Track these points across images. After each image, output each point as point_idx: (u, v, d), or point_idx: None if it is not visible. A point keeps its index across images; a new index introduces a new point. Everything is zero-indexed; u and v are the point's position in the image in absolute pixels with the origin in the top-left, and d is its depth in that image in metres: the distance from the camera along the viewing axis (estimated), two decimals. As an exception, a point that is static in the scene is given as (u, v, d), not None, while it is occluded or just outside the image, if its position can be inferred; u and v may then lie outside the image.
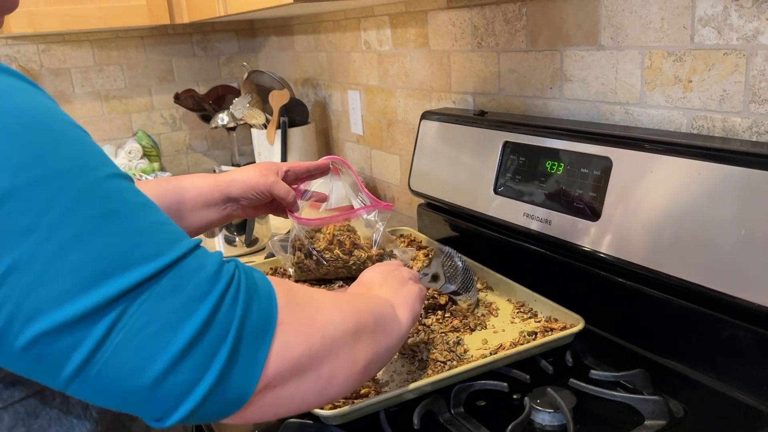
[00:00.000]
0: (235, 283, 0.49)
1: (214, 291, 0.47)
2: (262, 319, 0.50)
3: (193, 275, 0.47)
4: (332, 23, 1.93)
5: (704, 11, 0.88)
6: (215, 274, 0.48)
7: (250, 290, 0.50)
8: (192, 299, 0.46)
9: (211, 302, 0.47)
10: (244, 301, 0.49)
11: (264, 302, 0.50)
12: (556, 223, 1.01)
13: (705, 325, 0.83)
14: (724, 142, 0.85)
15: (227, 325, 0.47)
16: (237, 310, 0.48)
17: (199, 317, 0.46)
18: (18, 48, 2.20)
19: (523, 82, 1.21)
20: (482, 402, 0.82)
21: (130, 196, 0.47)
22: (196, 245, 0.49)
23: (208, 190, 0.92)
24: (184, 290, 0.46)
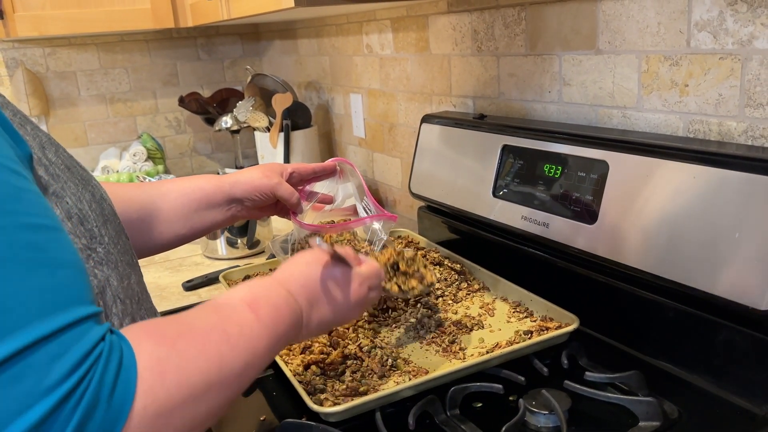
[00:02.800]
0: (85, 384, 0.44)
1: (58, 391, 0.42)
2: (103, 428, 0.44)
3: (44, 366, 0.42)
4: (335, 27, 1.94)
5: (700, 16, 0.88)
6: (70, 368, 0.43)
7: (101, 395, 0.44)
8: (32, 393, 0.41)
9: (50, 403, 0.42)
10: (88, 407, 0.43)
11: (113, 411, 0.45)
12: (554, 226, 1.01)
13: (700, 328, 0.83)
14: (719, 146, 0.86)
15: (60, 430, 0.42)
16: (75, 416, 0.43)
17: (31, 417, 0.41)
18: (24, 51, 2.22)
19: (522, 85, 1.22)
20: (478, 404, 0.83)
21: (21, 253, 0.43)
22: (73, 322, 0.44)
23: (212, 191, 0.93)
24: (27, 380, 0.41)
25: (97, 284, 0.59)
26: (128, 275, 0.65)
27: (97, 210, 0.62)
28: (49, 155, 0.60)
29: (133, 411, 0.46)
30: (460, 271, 1.15)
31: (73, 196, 0.59)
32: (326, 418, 0.77)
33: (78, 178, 0.62)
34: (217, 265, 1.47)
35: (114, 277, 0.61)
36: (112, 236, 0.63)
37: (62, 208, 0.57)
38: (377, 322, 1.02)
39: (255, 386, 0.91)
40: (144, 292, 0.70)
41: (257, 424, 0.83)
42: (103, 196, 0.66)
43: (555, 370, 0.87)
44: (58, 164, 0.60)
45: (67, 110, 2.32)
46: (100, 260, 0.60)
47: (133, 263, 0.69)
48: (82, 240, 0.58)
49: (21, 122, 0.59)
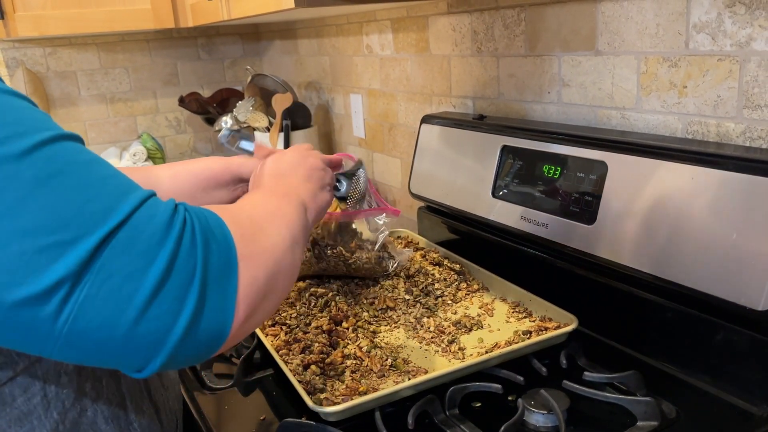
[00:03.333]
0: (189, 225, 0.50)
1: (170, 237, 0.48)
2: (223, 258, 0.51)
3: (146, 225, 0.48)
4: (335, 27, 1.95)
5: (699, 18, 0.89)
6: (168, 220, 0.49)
7: (205, 231, 0.51)
8: (149, 247, 0.47)
9: (169, 248, 0.48)
10: (203, 242, 0.50)
11: (221, 241, 0.52)
12: (553, 226, 1.02)
13: (698, 328, 0.84)
14: (718, 147, 0.86)
15: (191, 267, 0.48)
16: (197, 252, 0.49)
17: (159, 264, 0.47)
18: (25, 51, 2.22)
19: (522, 86, 1.22)
20: (477, 403, 0.83)
21: (75, 156, 0.48)
22: (147, 196, 0.50)
23: (220, 171, 0.94)
24: (139, 240, 0.47)
25: None
26: None
27: None
28: None
29: (235, 238, 0.53)
30: (459, 271, 1.15)
31: None
32: (326, 417, 0.78)
33: None
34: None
35: None
36: None
37: None
38: (377, 322, 1.02)
39: (255, 386, 0.92)
40: None
41: (257, 424, 0.83)
42: None
43: (554, 370, 0.88)
44: None
45: (67, 110, 2.32)
46: None
47: None
48: None
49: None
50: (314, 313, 1.02)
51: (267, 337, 0.97)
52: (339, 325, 0.98)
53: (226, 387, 0.92)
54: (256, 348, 0.98)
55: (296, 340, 0.94)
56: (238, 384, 0.91)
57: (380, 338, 0.97)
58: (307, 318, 1.01)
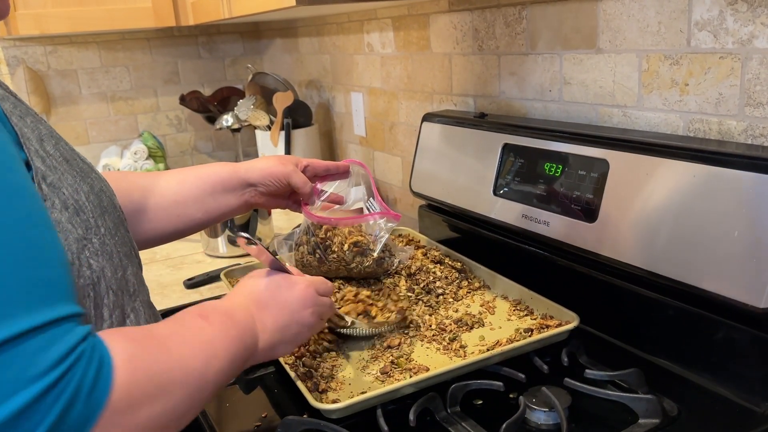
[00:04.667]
0: (68, 377, 0.45)
1: (42, 381, 0.44)
2: (78, 423, 0.46)
3: (31, 356, 0.44)
4: (336, 26, 1.95)
5: (700, 15, 0.89)
6: (55, 361, 0.45)
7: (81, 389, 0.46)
8: (18, 381, 0.43)
9: (34, 392, 0.43)
10: (69, 399, 0.45)
11: (91, 405, 0.47)
12: (554, 224, 1.02)
13: (699, 326, 0.84)
14: (719, 144, 0.86)
15: (40, 420, 0.44)
16: (56, 407, 0.44)
17: (15, 403, 0.43)
18: (25, 49, 2.22)
19: (523, 84, 1.22)
20: (479, 401, 0.84)
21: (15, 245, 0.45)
22: (60, 318, 0.46)
23: (228, 176, 0.95)
24: (12, 368, 0.43)
25: (91, 275, 0.60)
26: (124, 267, 0.66)
27: (95, 201, 0.63)
28: (47, 147, 0.61)
29: (108, 405, 0.48)
30: (460, 269, 1.15)
31: (70, 188, 0.60)
32: (328, 415, 0.78)
33: (76, 170, 0.64)
34: (218, 263, 1.47)
35: (108, 268, 0.62)
36: (109, 228, 0.64)
37: (59, 198, 0.59)
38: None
39: (257, 383, 0.92)
40: (141, 285, 0.71)
41: (259, 421, 0.83)
42: (103, 188, 0.67)
43: (555, 368, 0.88)
44: (56, 156, 0.61)
45: (68, 108, 2.32)
46: (95, 251, 0.61)
47: (131, 255, 0.70)
48: (78, 230, 0.59)
49: (21, 114, 0.60)
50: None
51: (268, 334, 0.97)
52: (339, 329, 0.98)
53: (228, 384, 0.92)
54: (258, 346, 0.98)
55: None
56: (239, 381, 0.91)
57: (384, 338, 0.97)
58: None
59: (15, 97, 0.63)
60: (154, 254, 1.59)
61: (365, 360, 0.91)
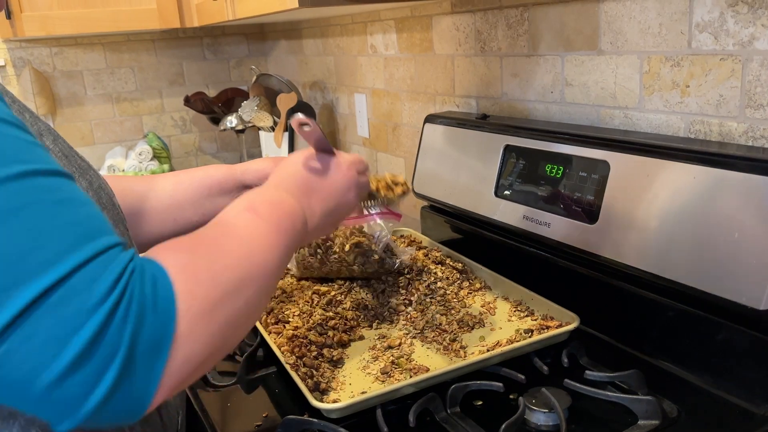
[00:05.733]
0: (128, 296, 0.47)
1: (104, 305, 0.45)
2: (156, 334, 0.48)
3: (85, 287, 0.45)
4: (340, 27, 1.95)
5: (701, 17, 0.89)
6: (109, 287, 0.46)
7: (143, 304, 0.48)
8: (80, 313, 0.45)
9: (100, 317, 0.45)
10: (137, 315, 0.47)
11: (161, 314, 0.48)
12: (555, 225, 1.02)
13: (699, 327, 0.84)
14: (720, 146, 0.86)
15: (116, 341, 0.46)
16: (128, 325, 0.46)
17: (86, 332, 0.44)
18: (31, 51, 2.23)
19: (525, 86, 1.22)
20: (478, 401, 0.84)
21: (43, 195, 0.46)
22: (103, 249, 0.48)
23: (224, 178, 0.95)
24: (73, 302, 0.45)
25: None
26: None
27: (94, 198, 0.63)
28: (47, 142, 0.61)
29: (179, 313, 0.49)
30: (461, 270, 1.16)
31: None
32: (328, 414, 0.78)
33: (75, 166, 0.64)
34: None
35: None
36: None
37: None
38: (380, 320, 1.03)
39: (258, 383, 0.92)
40: None
41: (260, 421, 0.84)
42: (102, 185, 0.68)
43: (555, 369, 0.88)
44: (55, 151, 0.61)
45: (73, 109, 2.34)
46: None
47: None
48: None
49: (19, 110, 0.60)
50: (317, 311, 1.03)
51: (270, 334, 0.97)
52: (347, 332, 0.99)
53: (229, 384, 0.92)
54: (259, 346, 0.99)
55: (299, 338, 0.94)
56: (241, 381, 0.92)
57: (385, 338, 0.98)
58: (310, 316, 1.01)
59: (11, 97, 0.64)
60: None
61: (366, 360, 0.92)
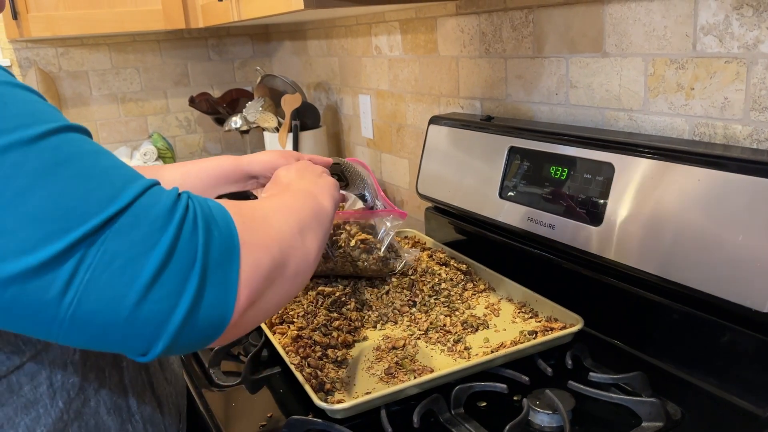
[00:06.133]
0: (191, 212, 0.51)
1: (172, 222, 0.49)
2: (225, 243, 0.52)
3: (149, 210, 0.49)
4: (344, 29, 1.96)
5: (706, 20, 0.89)
6: (171, 207, 0.50)
7: (207, 217, 0.52)
8: (151, 232, 0.48)
9: (171, 233, 0.48)
10: (204, 227, 0.51)
11: (223, 226, 0.52)
12: (560, 227, 1.02)
13: (704, 330, 0.84)
14: (724, 149, 0.86)
15: (192, 251, 0.49)
16: (198, 237, 0.50)
17: (161, 249, 0.48)
18: (37, 51, 2.24)
19: (530, 87, 1.23)
20: (482, 403, 0.84)
21: (80, 146, 0.49)
22: (151, 185, 0.51)
23: (231, 168, 0.96)
24: (142, 225, 0.48)
25: None
26: None
27: None
28: None
29: (237, 226, 0.54)
30: (465, 271, 1.16)
31: None
32: (332, 414, 0.78)
33: None
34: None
35: None
36: None
37: None
38: (383, 321, 1.03)
39: (262, 383, 0.92)
40: None
41: (264, 421, 0.84)
42: None
43: (559, 371, 0.88)
44: None
45: (79, 110, 2.34)
46: None
47: None
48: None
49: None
50: (321, 311, 1.03)
51: (275, 335, 0.98)
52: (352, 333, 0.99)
53: (234, 384, 0.92)
54: (264, 346, 0.99)
55: (303, 338, 0.95)
56: (245, 381, 0.92)
57: (389, 339, 0.98)
58: (314, 317, 1.02)
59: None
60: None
61: (370, 361, 0.92)
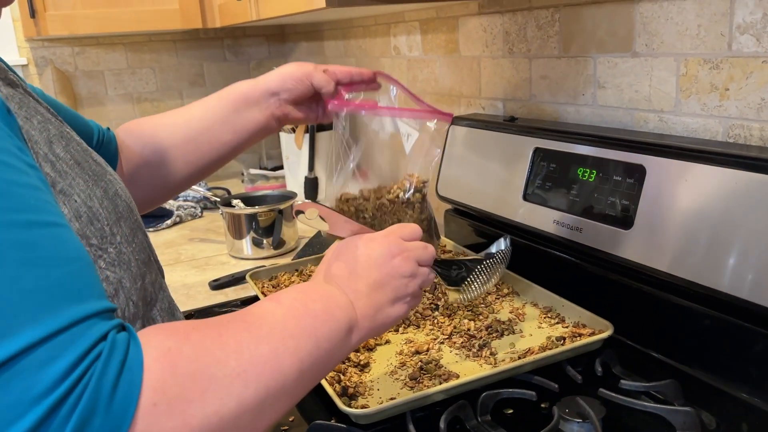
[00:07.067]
0: (79, 389, 0.40)
1: (48, 398, 0.39)
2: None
3: (32, 375, 0.39)
4: (362, 29, 1.94)
5: (743, 18, 0.86)
6: (60, 375, 0.40)
7: (99, 399, 0.41)
8: (17, 403, 0.39)
9: (38, 412, 0.39)
10: (82, 415, 0.40)
11: (113, 416, 0.41)
12: (587, 230, 1.00)
13: (738, 337, 0.81)
14: (761, 151, 0.84)
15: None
16: (68, 427, 0.40)
17: (20, 427, 0.39)
18: (54, 50, 2.24)
19: (555, 88, 1.20)
20: (509, 410, 0.82)
21: (11, 253, 0.41)
22: (60, 328, 0.41)
23: (249, 89, 0.93)
24: (11, 392, 0.39)
25: (108, 287, 0.57)
26: (142, 275, 0.64)
27: (110, 207, 0.61)
28: (57, 150, 0.58)
29: (140, 410, 0.42)
30: (488, 274, 1.14)
31: (83, 194, 0.58)
32: (356, 420, 0.77)
33: (89, 173, 0.60)
34: (242, 265, 1.47)
35: (127, 278, 0.60)
36: (126, 234, 0.62)
37: (70, 206, 0.56)
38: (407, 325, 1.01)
39: (283, 387, 0.91)
40: (159, 291, 0.68)
41: (286, 425, 0.82)
42: (118, 191, 0.65)
43: (589, 378, 0.86)
44: (66, 160, 0.58)
45: (94, 109, 2.34)
46: (112, 261, 0.58)
47: (149, 261, 0.67)
48: (92, 240, 0.57)
49: (28, 116, 0.57)
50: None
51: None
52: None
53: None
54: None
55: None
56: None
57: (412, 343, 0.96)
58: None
59: (25, 92, 0.60)
60: (179, 255, 1.59)
61: (393, 365, 0.90)
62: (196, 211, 1.92)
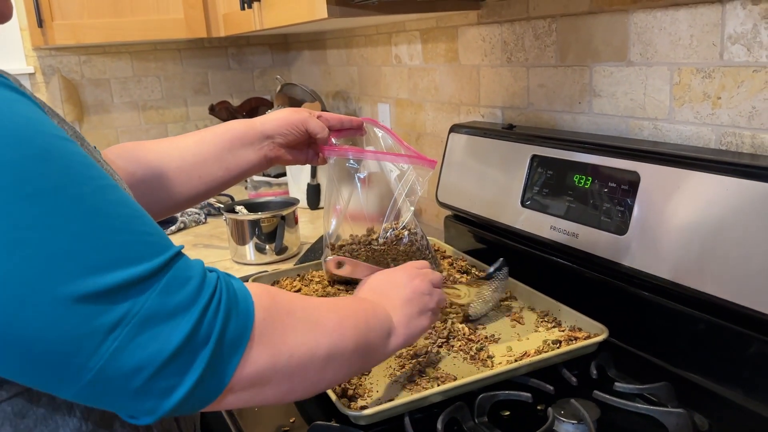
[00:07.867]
0: (217, 295, 0.51)
1: (199, 302, 0.50)
2: (237, 331, 0.52)
3: (178, 286, 0.49)
4: (364, 38, 1.97)
5: (734, 29, 0.88)
6: (199, 285, 0.51)
7: (230, 302, 0.52)
8: (178, 310, 0.48)
9: (196, 313, 0.49)
10: (224, 313, 0.51)
11: (242, 315, 0.53)
12: (583, 236, 1.01)
13: (731, 341, 0.83)
14: (752, 158, 0.85)
15: (207, 337, 0.50)
16: (218, 322, 0.50)
17: (184, 328, 0.48)
18: (60, 59, 2.27)
19: (552, 96, 1.22)
20: (506, 412, 0.83)
21: (118, 209, 0.49)
22: (178, 253, 0.52)
23: (245, 130, 0.95)
24: (175, 295, 0.49)
25: None
26: None
27: None
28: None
29: (256, 318, 0.54)
30: (487, 280, 1.15)
31: None
32: (356, 421, 0.78)
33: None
34: (245, 270, 1.48)
35: None
36: None
37: None
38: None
39: (284, 389, 0.92)
40: None
41: (287, 426, 0.84)
42: (127, 192, 0.67)
43: (584, 380, 0.87)
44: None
45: (100, 117, 2.37)
46: None
47: None
48: None
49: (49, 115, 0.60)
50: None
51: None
52: None
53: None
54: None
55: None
56: (267, 387, 0.92)
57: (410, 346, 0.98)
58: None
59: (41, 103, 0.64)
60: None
61: (392, 367, 0.92)
62: (200, 218, 1.95)
